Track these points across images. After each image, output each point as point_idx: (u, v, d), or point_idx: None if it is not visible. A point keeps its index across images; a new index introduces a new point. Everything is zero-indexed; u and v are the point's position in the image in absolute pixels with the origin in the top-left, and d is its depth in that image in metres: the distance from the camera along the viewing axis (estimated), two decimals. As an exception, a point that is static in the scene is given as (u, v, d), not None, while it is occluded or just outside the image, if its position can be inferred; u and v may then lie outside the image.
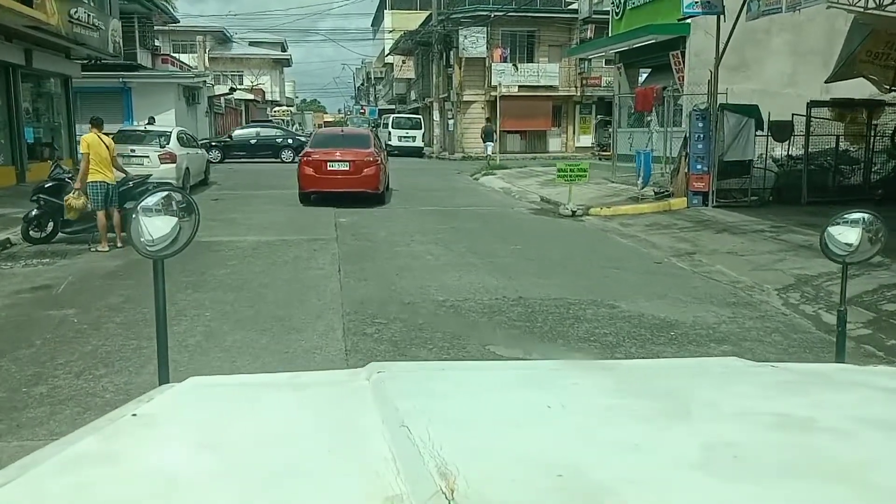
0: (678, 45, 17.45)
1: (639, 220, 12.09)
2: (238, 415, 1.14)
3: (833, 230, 2.08)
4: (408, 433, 0.94)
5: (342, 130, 17.44)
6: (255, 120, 43.33)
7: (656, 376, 1.36)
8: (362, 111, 70.22)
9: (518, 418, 1.06)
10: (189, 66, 40.14)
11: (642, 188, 13.22)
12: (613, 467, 0.89)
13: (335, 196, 13.78)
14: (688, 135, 13.02)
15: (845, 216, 2.09)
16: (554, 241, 10.44)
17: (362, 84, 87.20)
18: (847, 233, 2.06)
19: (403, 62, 44.74)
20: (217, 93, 36.53)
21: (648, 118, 15.15)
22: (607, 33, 32.92)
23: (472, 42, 32.37)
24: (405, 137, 34.01)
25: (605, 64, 34.46)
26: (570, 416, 1.08)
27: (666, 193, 13.21)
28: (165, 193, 1.82)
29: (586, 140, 35.30)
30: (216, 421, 1.11)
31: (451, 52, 32.72)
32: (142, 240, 1.76)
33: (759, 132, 12.94)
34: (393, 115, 35.84)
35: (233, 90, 38.39)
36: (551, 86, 33.30)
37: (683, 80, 17.08)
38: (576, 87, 33.99)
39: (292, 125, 45.82)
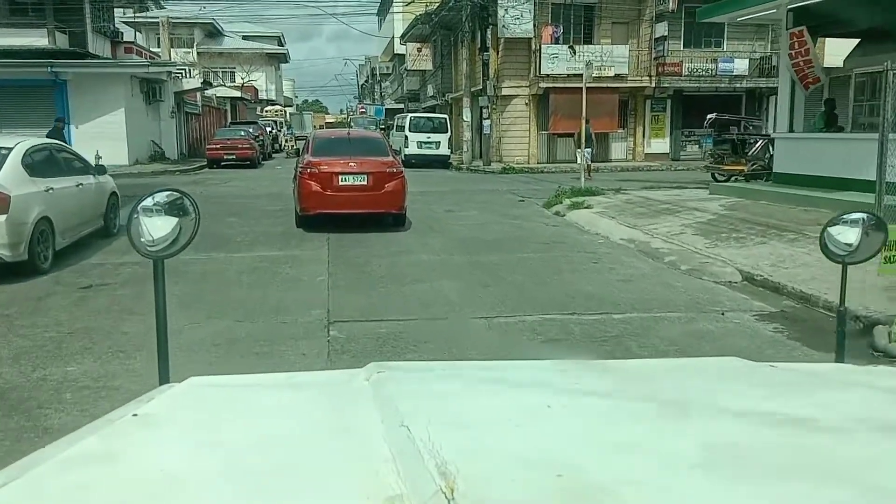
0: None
1: None
2: (238, 415, 1.12)
3: (832, 230, 2.10)
4: (408, 433, 0.93)
5: (349, 133, 13.29)
6: (234, 121, 35.61)
7: (656, 376, 1.35)
8: (362, 110, 61.87)
9: (518, 418, 1.04)
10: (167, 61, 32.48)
11: None
12: (613, 467, 0.88)
13: (346, 220, 10.62)
14: None
15: (844, 216, 2.13)
16: None
17: (366, 81, 79.43)
18: (846, 233, 2.08)
19: (419, 50, 36.99)
20: (186, 87, 28.76)
21: None
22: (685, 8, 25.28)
23: (515, 18, 24.64)
24: (427, 143, 26.23)
25: (685, 45, 26.72)
26: (570, 415, 1.07)
27: None
28: (166, 193, 1.83)
29: (659, 146, 27.60)
30: (216, 421, 1.09)
31: (489, 31, 24.95)
32: (142, 240, 1.77)
33: None
34: (410, 115, 27.89)
35: (208, 84, 30.62)
36: (619, 74, 25.52)
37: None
38: (650, 76, 26.20)
39: (286, 127, 38.12)
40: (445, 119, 27.24)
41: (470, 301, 6.80)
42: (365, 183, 10.56)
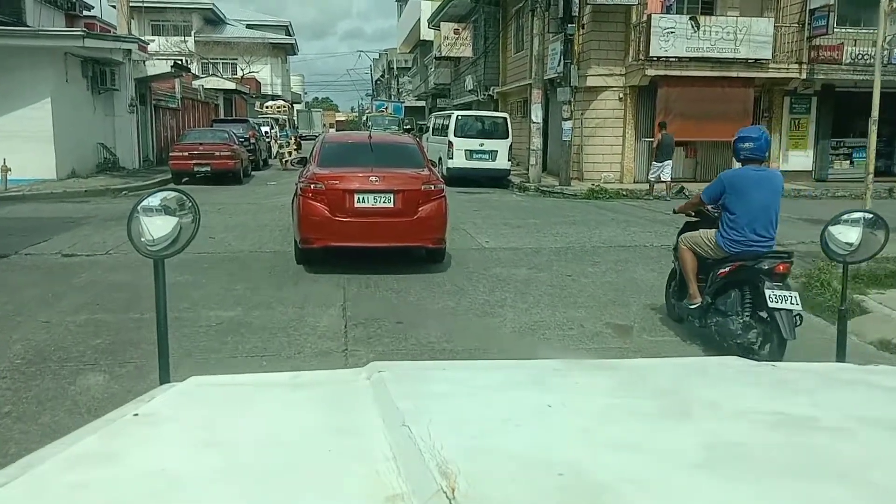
0: None
1: None
2: (239, 414, 1.11)
3: (833, 229, 2.06)
4: (409, 432, 0.92)
5: (370, 137, 9.44)
6: (218, 119, 28.16)
7: (656, 376, 1.34)
8: (384, 108, 54.15)
9: (519, 417, 1.04)
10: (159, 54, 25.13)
11: None
12: (614, 466, 0.87)
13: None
14: None
15: (845, 216, 2.10)
16: None
17: (382, 76, 71.91)
18: (847, 232, 2.04)
19: (457, 32, 29.49)
20: (151, 73, 21.31)
21: None
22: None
23: (613, -24, 17.13)
24: (479, 153, 18.69)
25: (839, 22, 19.16)
26: (570, 415, 1.06)
27: None
28: (166, 193, 1.81)
29: (799, 160, 20.00)
30: (217, 420, 1.08)
31: (574, -3, 17.39)
32: (142, 239, 1.74)
33: None
34: (457, 114, 20.02)
35: (180, 68, 23.10)
36: (757, 59, 17.97)
37: None
38: (799, 62, 18.59)
39: (278, 127, 30.69)
40: (505, 119, 19.62)
41: None
42: (391, 205, 8.14)
